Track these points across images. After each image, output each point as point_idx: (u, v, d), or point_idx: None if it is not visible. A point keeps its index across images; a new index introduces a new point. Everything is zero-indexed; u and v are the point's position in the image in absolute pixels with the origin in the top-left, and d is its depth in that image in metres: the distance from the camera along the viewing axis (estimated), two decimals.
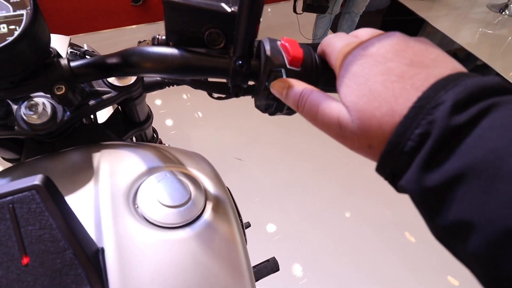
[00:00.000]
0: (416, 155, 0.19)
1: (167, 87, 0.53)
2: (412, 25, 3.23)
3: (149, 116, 0.63)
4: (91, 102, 0.41)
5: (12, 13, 0.29)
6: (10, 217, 0.25)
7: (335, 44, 0.27)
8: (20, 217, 0.25)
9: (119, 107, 0.57)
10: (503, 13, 3.67)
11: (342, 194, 1.69)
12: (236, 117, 2.04)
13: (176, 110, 2.07)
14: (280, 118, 2.08)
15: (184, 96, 2.15)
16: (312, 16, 2.29)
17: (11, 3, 0.30)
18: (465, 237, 0.16)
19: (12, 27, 0.29)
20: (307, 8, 1.94)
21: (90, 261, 0.27)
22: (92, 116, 0.55)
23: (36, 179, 0.26)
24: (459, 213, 0.17)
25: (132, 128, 0.59)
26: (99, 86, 0.44)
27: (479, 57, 2.86)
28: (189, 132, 1.94)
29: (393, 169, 0.20)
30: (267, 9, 3.19)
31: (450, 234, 0.18)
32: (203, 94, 0.37)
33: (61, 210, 0.26)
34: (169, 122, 1.99)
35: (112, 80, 0.44)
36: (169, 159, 0.41)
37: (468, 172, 0.16)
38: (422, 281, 1.39)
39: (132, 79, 0.45)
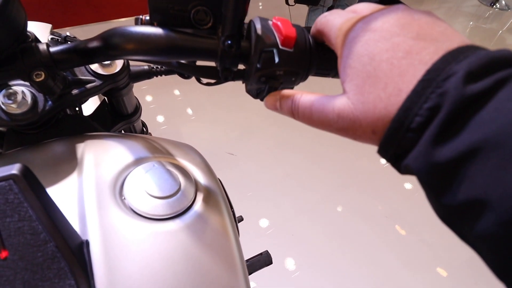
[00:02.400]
0: (424, 131, 0.17)
1: (154, 77, 0.52)
2: None
3: (138, 108, 0.61)
4: (74, 91, 0.40)
5: None
6: None
7: (334, 21, 0.25)
8: None
9: (106, 99, 0.55)
10: (494, 6, 3.71)
11: (334, 188, 1.69)
12: (228, 112, 2.03)
13: (167, 105, 2.04)
14: (271, 113, 2.06)
15: (177, 92, 2.13)
16: (305, 9, 2.27)
17: None
18: (476, 217, 0.15)
19: None
20: None
21: (74, 254, 0.26)
22: (77, 109, 0.53)
23: (13, 169, 0.24)
24: (471, 191, 0.15)
25: (119, 120, 0.58)
26: (82, 74, 0.42)
27: None
28: (180, 127, 1.92)
29: (398, 149, 0.19)
30: (258, 3, 3.16)
31: (459, 213, 0.16)
32: (195, 89, 0.36)
33: (41, 201, 0.25)
34: (160, 118, 1.96)
35: (96, 68, 0.42)
36: (158, 150, 0.40)
37: (483, 146, 0.15)
38: (413, 272, 1.41)
39: (118, 67, 0.44)
